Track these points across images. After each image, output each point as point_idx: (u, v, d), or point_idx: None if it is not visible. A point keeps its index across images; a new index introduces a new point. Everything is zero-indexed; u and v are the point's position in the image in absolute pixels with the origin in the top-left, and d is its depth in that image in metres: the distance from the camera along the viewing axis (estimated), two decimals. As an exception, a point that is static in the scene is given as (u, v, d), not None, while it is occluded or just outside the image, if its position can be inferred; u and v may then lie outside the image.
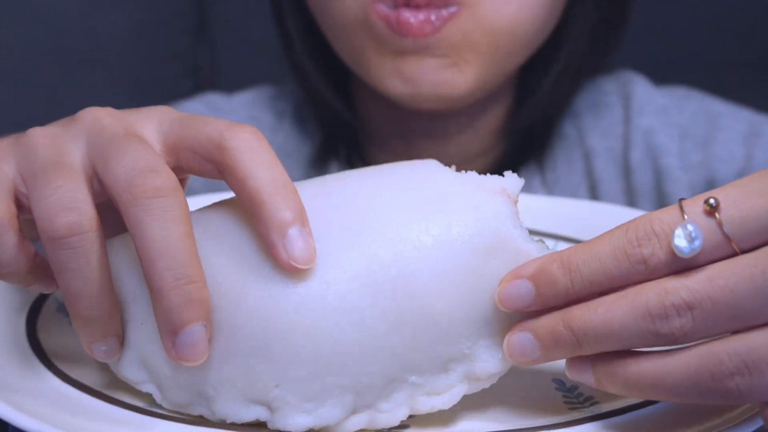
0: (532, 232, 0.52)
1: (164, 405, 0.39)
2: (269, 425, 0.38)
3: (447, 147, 0.76)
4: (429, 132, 0.74)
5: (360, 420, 0.38)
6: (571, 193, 0.77)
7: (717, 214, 0.34)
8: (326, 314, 0.36)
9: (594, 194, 0.78)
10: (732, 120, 0.77)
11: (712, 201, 0.34)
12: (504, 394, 0.42)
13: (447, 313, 0.37)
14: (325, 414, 0.37)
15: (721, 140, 0.75)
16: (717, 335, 0.34)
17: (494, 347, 0.38)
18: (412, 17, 0.61)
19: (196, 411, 0.39)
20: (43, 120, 0.41)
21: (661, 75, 0.82)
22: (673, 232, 0.34)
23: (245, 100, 0.85)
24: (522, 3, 0.63)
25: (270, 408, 0.37)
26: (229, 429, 0.38)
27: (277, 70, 0.87)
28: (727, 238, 0.33)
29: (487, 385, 0.39)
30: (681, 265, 0.34)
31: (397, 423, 0.38)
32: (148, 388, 0.39)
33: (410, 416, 0.40)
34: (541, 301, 0.36)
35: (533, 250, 0.39)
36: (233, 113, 0.83)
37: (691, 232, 0.33)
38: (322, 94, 0.76)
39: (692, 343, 0.34)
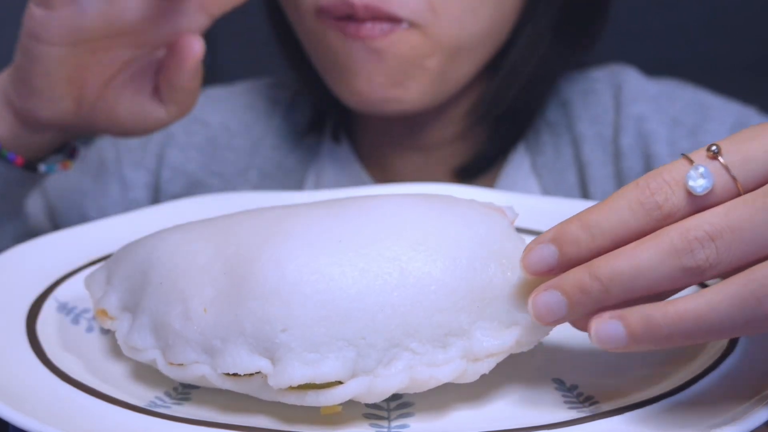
0: (531, 232, 0.53)
1: (164, 371, 0.40)
2: (270, 380, 0.38)
3: (422, 131, 0.78)
4: (403, 118, 0.76)
5: (358, 385, 0.38)
6: (560, 178, 0.79)
7: (720, 158, 0.36)
8: (335, 267, 0.39)
9: (582, 179, 0.79)
10: (721, 111, 0.79)
11: (714, 148, 0.36)
12: (503, 393, 0.42)
13: (449, 284, 0.39)
14: (325, 368, 0.38)
15: (710, 130, 0.77)
16: (740, 265, 0.35)
17: (492, 329, 0.40)
18: (354, 28, 0.64)
19: (198, 371, 0.39)
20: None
21: (659, 75, 0.82)
22: (683, 178, 0.36)
23: (243, 88, 0.88)
24: (476, 19, 0.65)
25: (273, 359, 0.38)
26: (229, 429, 0.38)
27: (276, 70, 0.87)
28: (733, 178, 0.36)
29: (485, 370, 0.40)
30: (694, 208, 0.36)
31: (395, 389, 0.38)
32: (152, 354, 0.41)
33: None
34: (565, 260, 0.37)
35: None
36: (228, 100, 0.86)
37: (702, 173, 0.36)
38: (312, 80, 0.78)
39: (727, 280, 0.34)
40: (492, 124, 0.78)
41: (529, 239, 0.42)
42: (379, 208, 0.42)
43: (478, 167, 0.78)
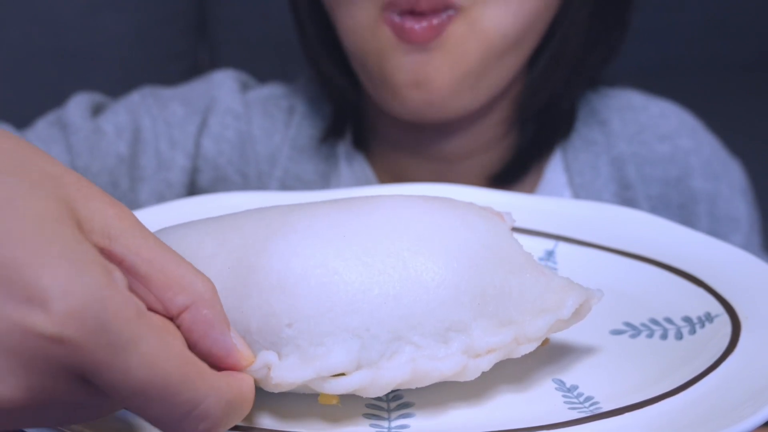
0: (532, 233, 0.53)
1: None
2: (273, 378, 0.38)
3: (453, 139, 0.77)
4: (434, 126, 0.75)
5: (362, 377, 0.38)
6: (597, 197, 0.78)
7: None
8: (340, 260, 0.39)
9: (620, 198, 0.79)
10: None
11: None
12: (503, 393, 0.42)
13: (450, 279, 0.40)
14: (331, 361, 0.38)
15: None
16: None
17: (492, 327, 0.40)
18: (416, 24, 0.64)
19: None
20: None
21: (659, 75, 0.83)
22: None
23: (259, 97, 0.85)
24: (516, 6, 0.65)
25: (279, 355, 0.38)
26: (229, 428, 0.38)
27: (277, 69, 0.87)
28: None
29: (485, 366, 0.40)
30: None
31: (398, 382, 0.39)
32: None
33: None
34: None
35: (524, 257, 0.42)
36: (245, 116, 0.83)
37: None
38: (332, 79, 0.77)
39: None
40: (522, 129, 0.77)
41: (529, 240, 0.42)
42: (381, 207, 0.42)
43: (507, 175, 0.78)
